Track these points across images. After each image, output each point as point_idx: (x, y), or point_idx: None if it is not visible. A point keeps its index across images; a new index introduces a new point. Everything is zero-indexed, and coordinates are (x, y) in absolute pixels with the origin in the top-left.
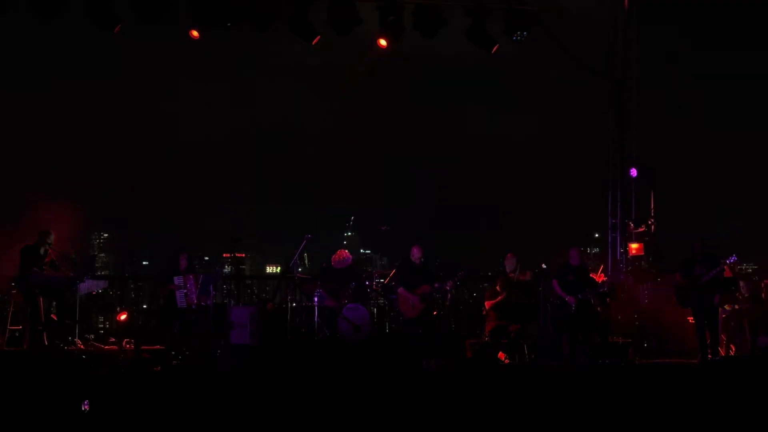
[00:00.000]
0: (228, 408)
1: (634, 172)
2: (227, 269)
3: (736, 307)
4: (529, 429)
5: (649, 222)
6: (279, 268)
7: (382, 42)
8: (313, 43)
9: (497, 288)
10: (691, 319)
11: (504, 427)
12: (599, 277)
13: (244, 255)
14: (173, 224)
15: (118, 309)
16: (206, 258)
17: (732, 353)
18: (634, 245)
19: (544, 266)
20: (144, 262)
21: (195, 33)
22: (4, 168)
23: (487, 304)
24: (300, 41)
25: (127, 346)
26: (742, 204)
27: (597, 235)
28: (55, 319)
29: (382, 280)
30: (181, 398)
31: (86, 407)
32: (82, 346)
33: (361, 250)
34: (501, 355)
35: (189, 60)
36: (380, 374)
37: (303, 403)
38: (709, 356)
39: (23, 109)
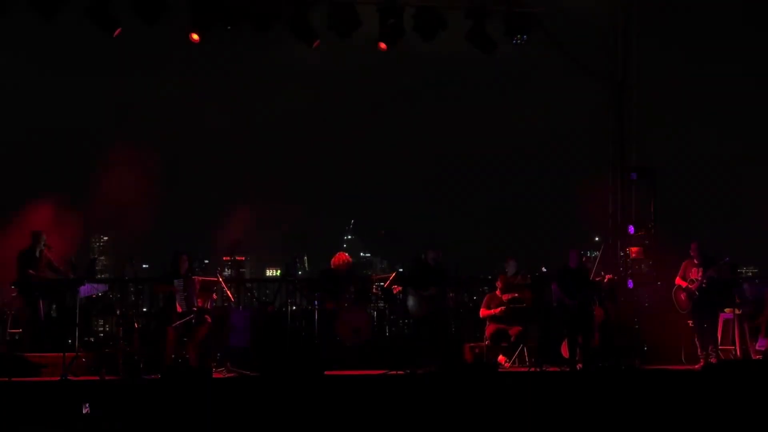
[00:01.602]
0: (228, 412)
1: (634, 174)
2: (227, 272)
3: (736, 310)
4: None
5: (649, 225)
6: (279, 271)
7: (382, 45)
8: (313, 46)
9: (497, 293)
10: (690, 322)
11: (504, 430)
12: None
13: (243, 258)
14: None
15: (119, 312)
16: (206, 261)
17: (731, 356)
18: (634, 249)
19: (543, 269)
20: (144, 265)
21: (195, 36)
22: (5, 170)
23: (482, 312)
24: (300, 43)
25: (127, 348)
26: (743, 206)
27: (597, 239)
28: (55, 322)
29: (382, 284)
30: (181, 402)
31: (87, 410)
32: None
33: (361, 254)
34: (501, 358)
35: (184, 62)
36: (379, 376)
37: (303, 406)
38: (710, 359)
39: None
